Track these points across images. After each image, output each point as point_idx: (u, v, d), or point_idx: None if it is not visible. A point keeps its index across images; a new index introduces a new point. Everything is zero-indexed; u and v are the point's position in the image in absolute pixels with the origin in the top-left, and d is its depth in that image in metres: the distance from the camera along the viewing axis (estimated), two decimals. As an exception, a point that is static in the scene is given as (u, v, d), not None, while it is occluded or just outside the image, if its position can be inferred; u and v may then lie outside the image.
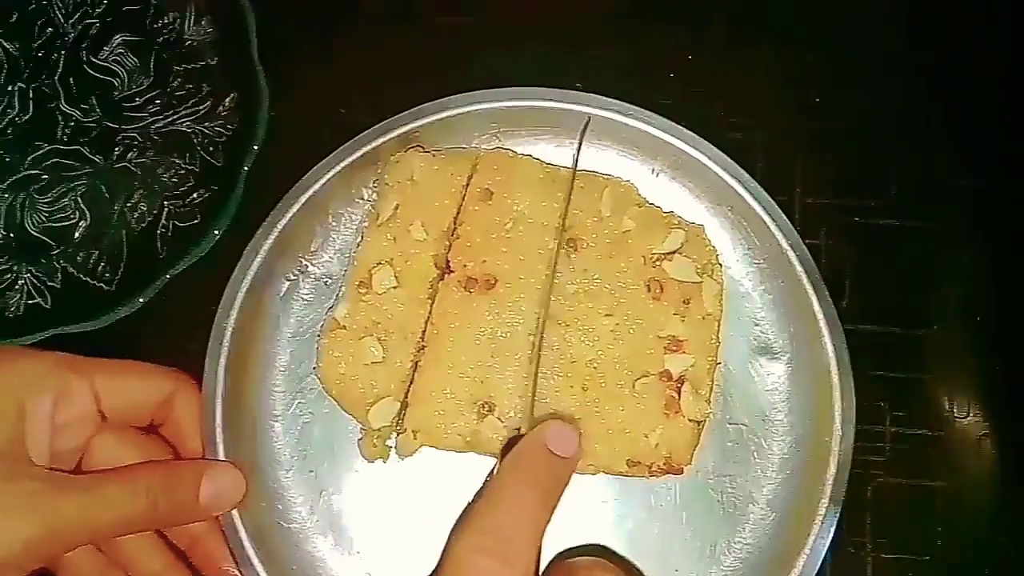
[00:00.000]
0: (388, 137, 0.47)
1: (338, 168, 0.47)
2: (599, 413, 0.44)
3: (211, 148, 0.50)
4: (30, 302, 0.48)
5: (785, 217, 0.46)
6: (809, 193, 0.50)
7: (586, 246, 0.46)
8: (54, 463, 0.40)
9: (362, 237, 0.47)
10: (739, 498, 0.45)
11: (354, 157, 0.47)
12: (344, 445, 0.46)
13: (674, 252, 0.46)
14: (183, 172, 0.50)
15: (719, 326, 0.46)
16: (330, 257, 0.48)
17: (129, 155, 0.50)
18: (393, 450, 0.45)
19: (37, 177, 0.50)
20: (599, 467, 0.44)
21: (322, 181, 0.47)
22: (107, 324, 0.47)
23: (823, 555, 0.42)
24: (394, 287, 0.45)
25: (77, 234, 0.49)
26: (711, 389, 0.45)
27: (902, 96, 0.51)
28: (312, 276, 0.48)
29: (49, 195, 0.50)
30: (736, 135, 0.50)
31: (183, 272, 0.47)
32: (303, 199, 0.46)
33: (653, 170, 0.48)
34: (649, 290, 0.45)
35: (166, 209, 0.49)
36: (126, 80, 0.51)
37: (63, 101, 0.51)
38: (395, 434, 0.44)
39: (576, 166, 0.47)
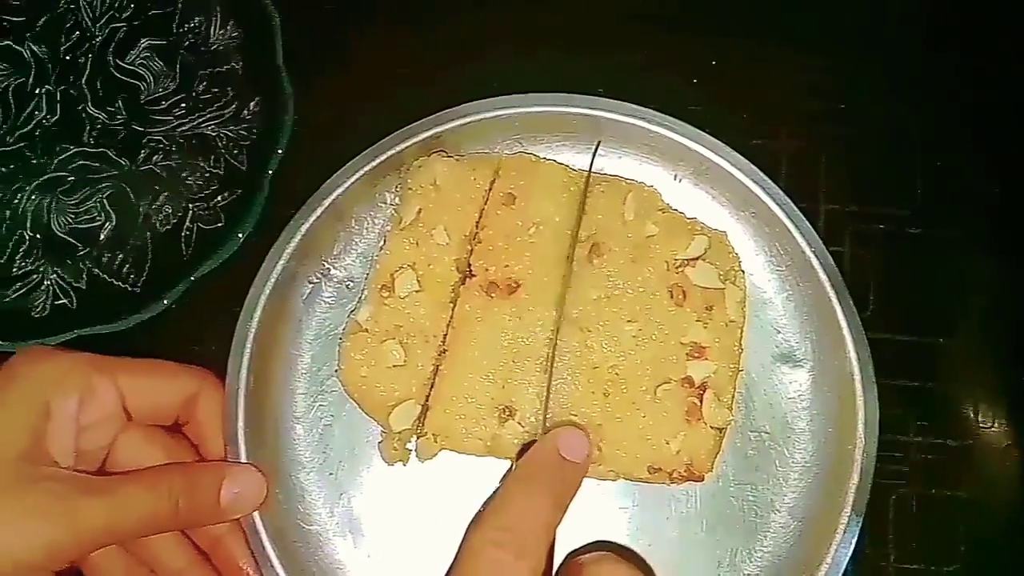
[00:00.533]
0: (411, 142, 0.47)
1: (361, 172, 0.47)
2: (621, 419, 0.44)
3: (235, 152, 0.50)
4: (56, 303, 0.49)
5: (809, 224, 0.46)
6: (833, 200, 0.49)
7: (609, 251, 0.46)
8: (79, 463, 0.40)
9: (385, 241, 0.47)
10: (760, 506, 0.45)
11: (377, 162, 0.47)
12: (365, 448, 0.46)
13: (697, 258, 0.46)
14: (208, 175, 0.50)
15: (742, 333, 0.45)
16: (352, 261, 0.48)
17: (154, 158, 0.51)
18: (413, 453, 0.45)
19: (63, 179, 0.51)
20: (620, 473, 0.44)
21: (345, 185, 0.47)
22: (131, 325, 0.47)
23: (844, 565, 0.42)
24: (416, 291, 0.45)
25: (102, 236, 0.50)
26: (733, 396, 0.45)
27: (926, 102, 0.51)
28: (334, 279, 0.48)
29: (75, 197, 0.50)
30: (759, 141, 0.49)
31: (207, 274, 0.47)
32: (326, 203, 0.47)
33: (676, 176, 0.48)
34: (672, 296, 0.45)
35: (190, 212, 0.50)
36: (152, 83, 0.52)
37: (90, 104, 0.51)
38: (415, 437, 0.44)
39: (588, 185, 0.47)
